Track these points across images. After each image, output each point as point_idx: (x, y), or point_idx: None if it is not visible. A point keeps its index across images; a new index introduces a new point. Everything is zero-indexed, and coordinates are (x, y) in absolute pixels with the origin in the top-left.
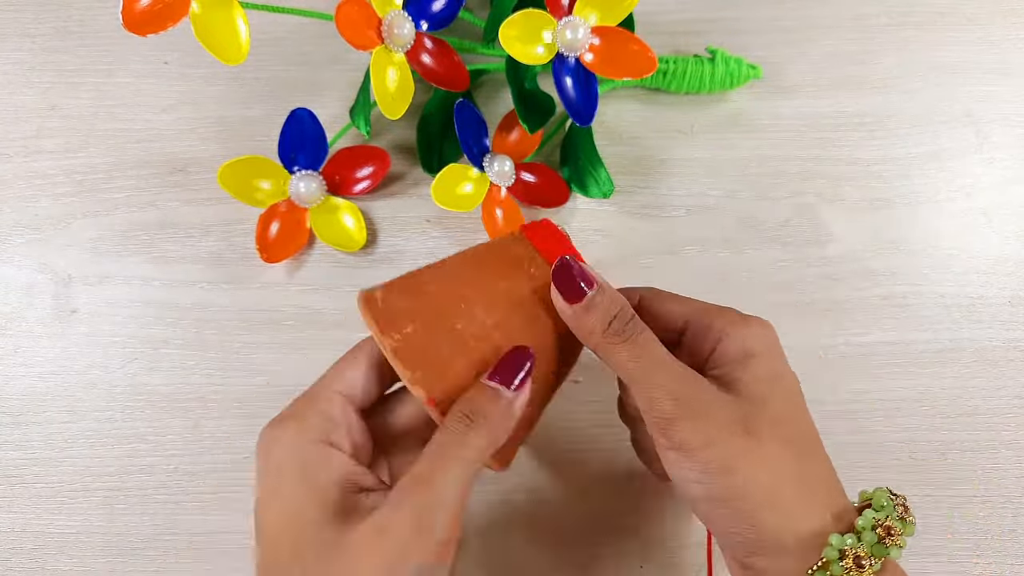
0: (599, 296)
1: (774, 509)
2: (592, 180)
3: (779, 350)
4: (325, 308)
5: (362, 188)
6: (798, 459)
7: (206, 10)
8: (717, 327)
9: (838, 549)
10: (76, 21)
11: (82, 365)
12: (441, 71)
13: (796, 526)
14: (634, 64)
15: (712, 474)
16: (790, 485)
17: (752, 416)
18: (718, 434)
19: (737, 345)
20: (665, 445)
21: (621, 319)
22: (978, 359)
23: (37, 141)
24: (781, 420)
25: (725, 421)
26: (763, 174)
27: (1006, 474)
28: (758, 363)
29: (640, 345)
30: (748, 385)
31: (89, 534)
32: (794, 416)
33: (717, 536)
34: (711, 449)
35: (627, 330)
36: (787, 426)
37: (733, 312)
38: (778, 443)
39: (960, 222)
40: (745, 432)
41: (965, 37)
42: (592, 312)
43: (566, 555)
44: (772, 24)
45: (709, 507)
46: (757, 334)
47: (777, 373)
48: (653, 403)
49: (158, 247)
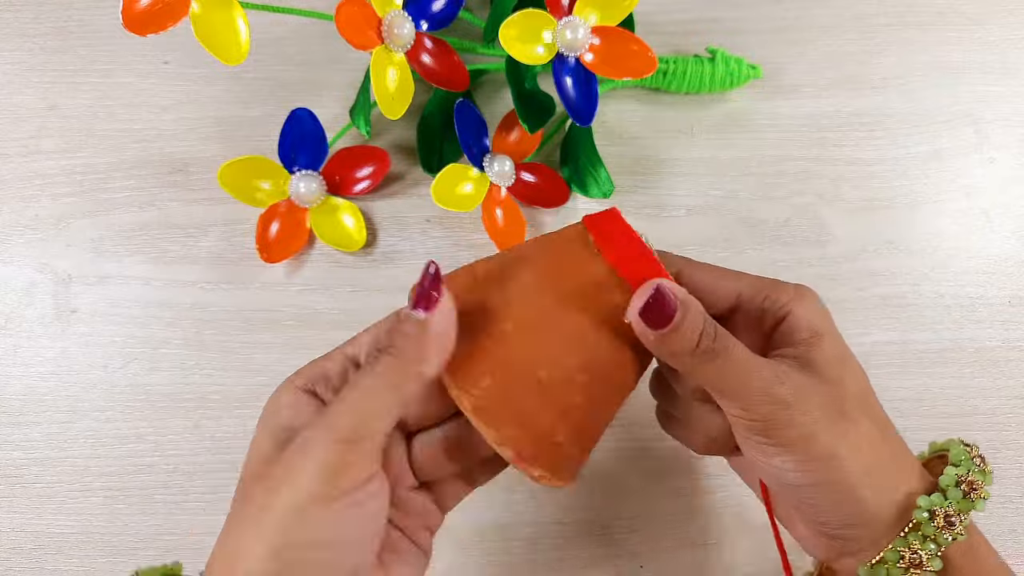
0: (685, 318)
1: (873, 483)
2: (592, 180)
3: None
4: (325, 308)
5: (362, 188)
6: (883, 432)
7: (206, 10)
8: (778, 303)
9: (927, 510)
10: (76, 21)
11: (82, 365)
12: (441, 71)
13: (889, 496)
14: (634, 64)
15: (816, 462)
16: (884, 458)
17: (841, 398)
18: (819, 425)
19: (804, 324)
20: (764, 443)
21: (708, 335)
22: (978, 359)
23: (37, 141)
24: (861, 397)
25: (821, 410)
26: (763, 174)
27: (1006, 474)
28: (828, 342)
29: (730, 357)
30: (826, 366)
31: (89, 534)
32: (865, 389)
33: (811, 514)
34: (814, 440)
35: (716, 346)
36: (867, 402)
37: (785, 285)
38: (867, 420)
39: (960, 222)
40: (840, 416)
41: (965, 37)
42: (679, 335)
43: (566, 555)
44: (772, 24)
45: (811, 491)
46: (818, 309)
47: (845, 350)
48: (751, 410)
49: (158, 247)
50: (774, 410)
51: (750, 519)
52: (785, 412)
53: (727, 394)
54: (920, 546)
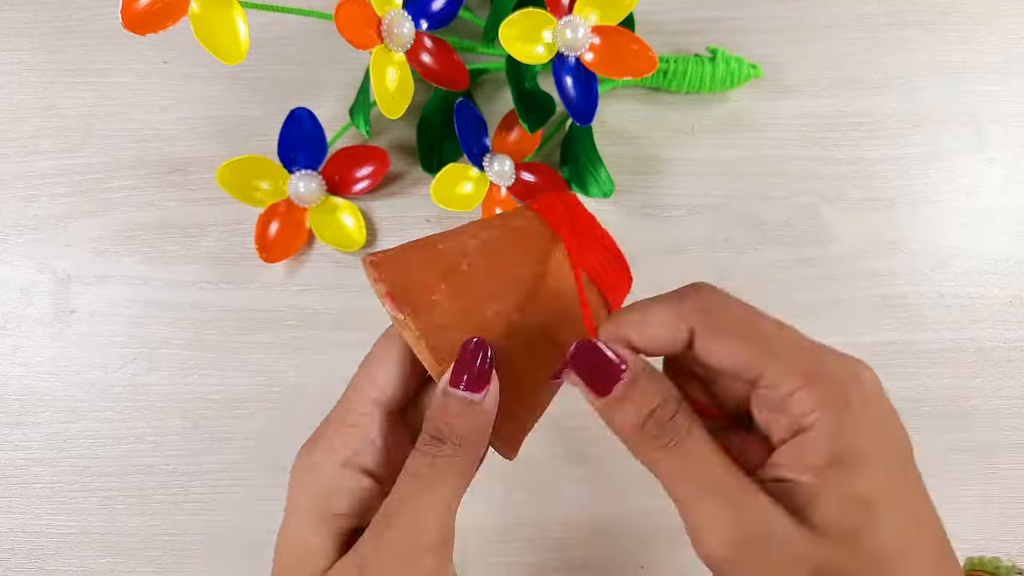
0: (630, 389)
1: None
2: (592, 179)
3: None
4: (325, 308)
5: (362, 188)
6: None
7: (206, 10)
8: (802, 408)
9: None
10: (75, 21)
11: (81, 365)
12: (441, 70)
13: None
14: (634, 64)
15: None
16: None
17: (836, 563)
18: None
19: (823, 445)
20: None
21: (658, 418)
22: (979, 359)
23: (36, 141)
24: (884, 558)
25: (796, 573)
26: (764, 174)
27: (1008, 475)
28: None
29: (684, 455)
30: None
31: (88, 534)
32: (903, 539)
33: None
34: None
35: (667, 432)
36: (890, 561)
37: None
38: None
39: (961, 222)
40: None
41: (966, 37)
42: (623, 406)
43: (567, 555)
44: (773, 24)
45: None
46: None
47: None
48: (700, 537)
49: (157, 247)
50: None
51: None
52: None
53: (675, 500)
54: None
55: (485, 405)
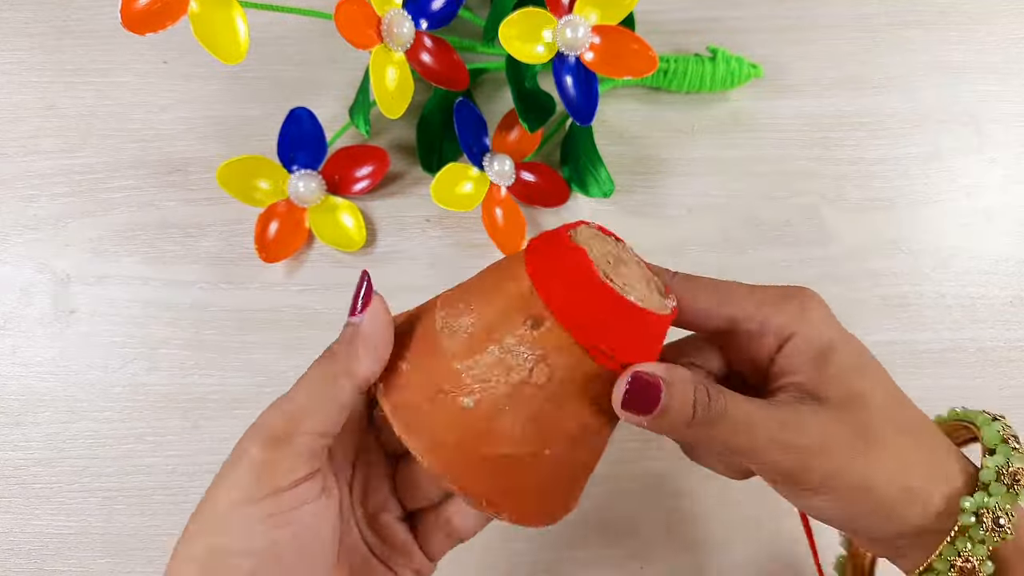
0: (673, 398)
1: (913, 501)
2: (592, 179)
3: (841, 328)
4: (324, 308)
5: (361, 188)
6: (916, 441)
7: (205, 9)
8: (777, 326)
9: (972, 512)
10: (75, 20)
11: (81, 365)
12: (441, 70)
13: (934, 507)
14: (635, 63)
15: (849, 497)
16: (920, 471)
17: (863, 423)
18: (844, 461)
19: (808, 344)
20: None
21: (701, 403)
22: (979, 359)
23: (35, 141)
24: (885, 409)
25: (843, 444)
26: (764, 174)
27: None
28: (836, 358)
29: (728, 420)
30: (838, 388)
31: (88, 534)
32: (891, 396)
33: (856, 534)
34: (841, 477)
35: (713, 414)
36: (893, 412)
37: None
38: (895, 434)
39: (961, 222)
40: (865, 443)
41: (966, 37)
42: (670, 415)
43: (567, 555)
44: (773, 23)
45: (850, 522)
46: (819, 320)
47: (855, 360)
48: (767, 467)
49: (157, 247)
50: (790, 459)
51: (751, 519)
52: (802, 458)
53: (738, 454)
54: (971, 551)
55: (362, 325)
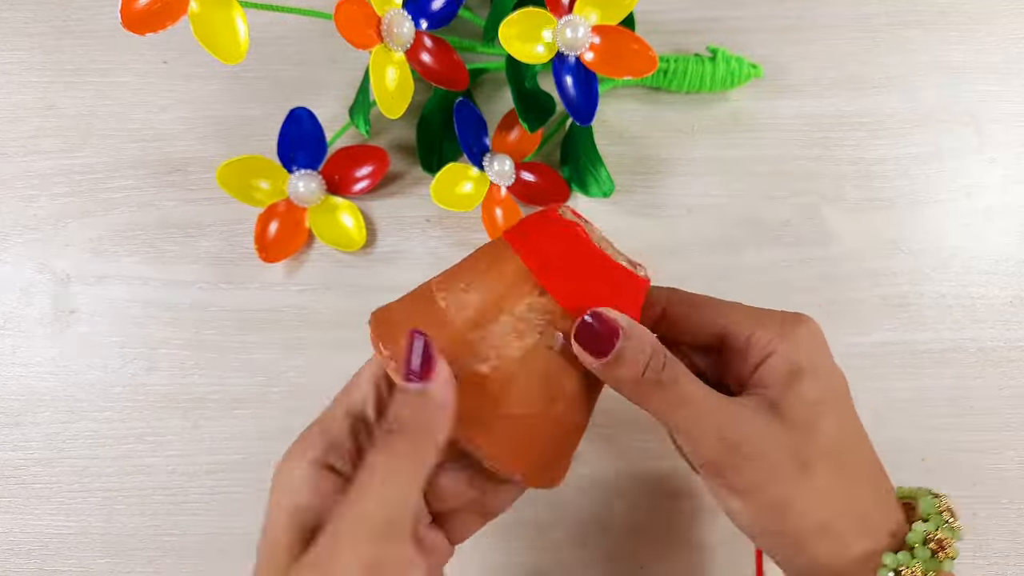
0: (626, 345)
1: (828, 539)
2: (592, 179)
3: (826, 359)
4: (324, 308)
5: (361, 188)
6: (852, 485)
7: (205, 9)
8: (761, 342)
9: (892, 569)
10: (75, 20)
11: (80, 365)
12: (441, 70)
13: (851, 552)
14: (635, 63)
15: (766, 511)
16: (845, 514)
17: (804, 447)
18: (771, 474)
19: (783, 362)
20: (714, 483)
21: (654, 366)
22: (979, 359)
23: (35, 141)
24: (833, 445)
25: (777, 458)
26: (764, 173)
27: (1008, 475)
28: (807, 382)
29: (677, 391)
30: (797, 410)
31: (88, 535)
32: (846, 437)
33: (770, 555)
34: (764, 489)
35: (662, 377)
36: (840, 451)
37: (774, 318)
38: (832, 472)
39: (961, 222)
40: (798, 467)
41: (966, 37)
42: (620, 364)
43: (567, 555)
44: (773, 23)
45: (762, 539)
46: (804, 345)
47: (826, 391)
48: (699, 450)
49: (157, 247)
50: (723, 454)
51: None
52: (734, 457)
53: (675, 429)
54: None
55: (433, 392)
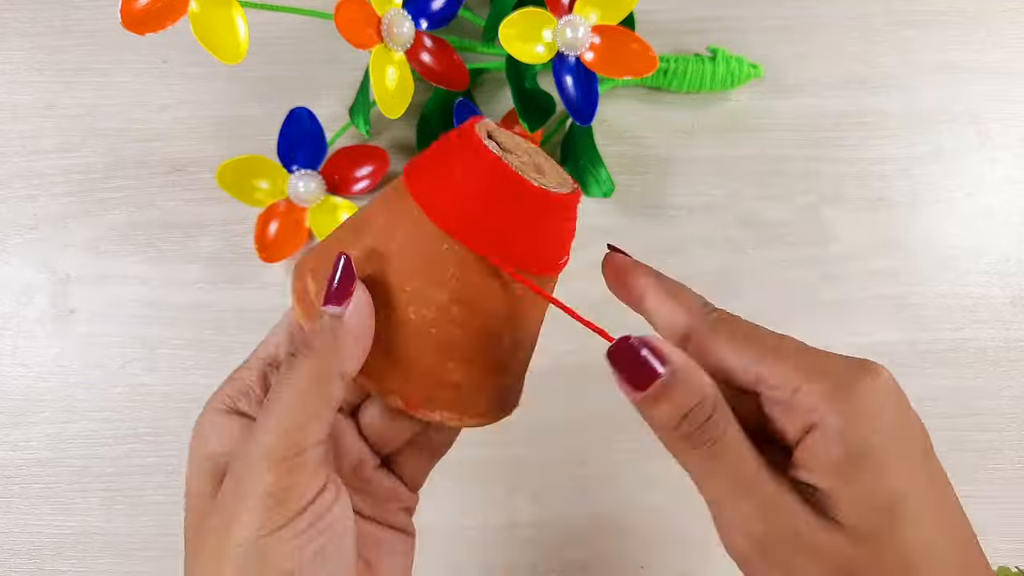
0: (672, 384)
1: None
2: (593, 179)
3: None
4: None
5: (361, 187)
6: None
7: (205, 9)
8: (808, 405)
9: None
10: (74, 20)
11: (80, 365)
12: (441, 70)
13: None
14: (635, 63)
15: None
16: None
17: (860, 563)
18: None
19: (835, 440)
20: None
21: (695, 419)
22: (980, 359)
23: (35, 141)
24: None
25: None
26: (764, 173)
27: (1008, 475)
28: (868, 472)
29: (718, 456)
30: (856, 514)
31: (88, 535)
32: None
33: None
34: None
35: (703, 435)
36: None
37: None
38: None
39: (962, 222)
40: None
41: (967, 37)
42: (659, 404)
43: (567, 555)
44: (774, 23)
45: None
46: (865, 414)
47: (900, 481)
48: (728, 532)
49: (156, 247)
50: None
51: None
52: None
53: (707, 497)
54: None
55: (345, 316)
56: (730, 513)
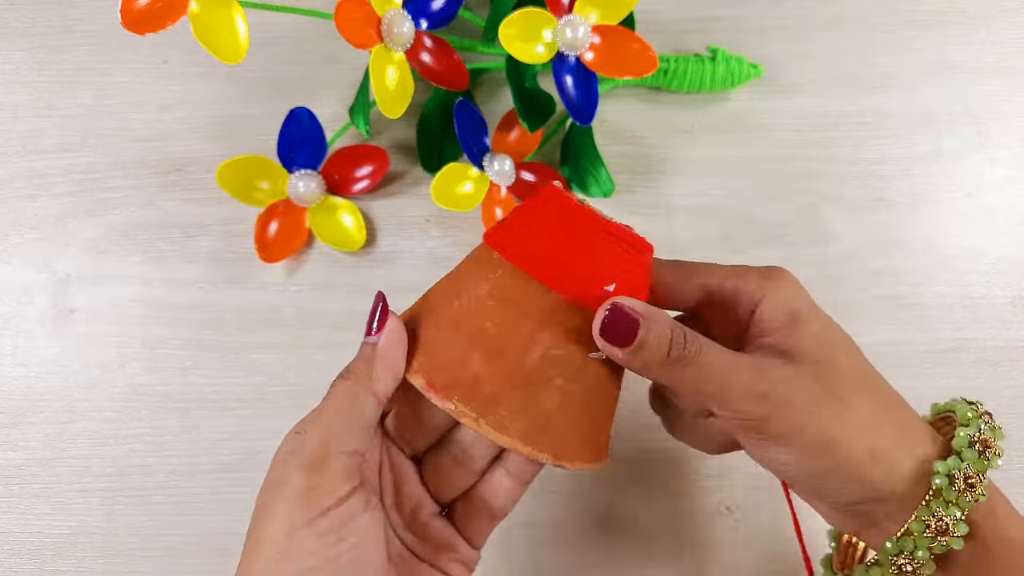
0: (648, 330)
1: (878, 463)
2: (593, 179)
3: (812, 303)
4: (324, 308)
5: (361, 187)
6: (882, 406)
7: (205, 9)
8: (749, 293)
9: (946, 475)
10: (74, 20)
11: (80, 365)
12: (441, 70)
13: (901, 470)
14: (635, 63)
15: (813, 451)
16: (886, 435)
17: (830, 381)
18: (810, 414)
19: (780, 307)
20: (758, 440)
21: (677, 343)
22: (980, 359)
23: (35, 140)
24: (853, 373)
25: (811, 398)
26: (764, 173)
27: (1008, 475)
28: (809, 322)
29: (705, 363)
30: (811, 349)
31: (88, 535)
32: (859, 364)
33: (825, 497)
34: (806, 430)
35: (687, 353)
36: (860, 377)
37: (753, 270)
38: (864, 399)
39: (962, 222)
40: (832, 400)
41: (967, 37)
42: (645, 349)
43: (567, 555)
44: (773, 23)
45: (815, 482)
46: (792, 289)
47: (828, 327)
48: (738, 409)
49: (156, 247)
50: (759, 407)
51: (751, 520)
52: (770, 407)
53: (709, 398)
54: (944, 512)
55: (380, 344)
56: (730, 391)
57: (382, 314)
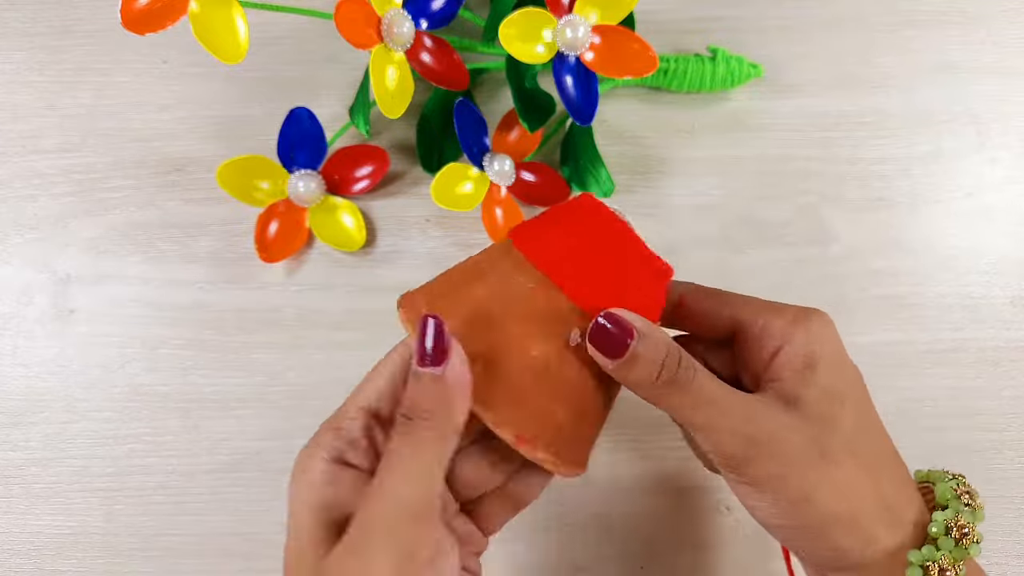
0: (641, 346)
1: (853, 532)
2: (592, 179)
3: (840, 351)
4: (324, 308)
5: (361, 187)
6: (874, 477)
7: (205, 9)
8: (776, 332)
9: (919, 566)
10: (74, 20)
11: (80, 365)
12: (441, 70)
13: (876, 546)
14: (635, 63)
15: (788, 504)
16: (868, 506)
17: (824, 438)
18: (793, 466)
19: (799, 351)
20: (737, 481)
21: (669, 366)
22: (980, 359)
23: (35, 140)
24: (853, 437)
25: (798, 450)
26: (764, 173)
27: (1008, 475)
28: (823, 373)
29: (695, 391)
30: (815, 400)
31: (88, 534)
32: (865, 428)
33: (795, 552)
34: (787, 482)
35: (678, 377)
36: (860, 442)
37: (788, 310)
38: (853, 464)
39: (962, 222)
40: (820, 458)
41: (967, 37)
42: (636, 365)
43: (567, 555)
44: (773, 23)
45: (786, 533)
46: (817, 335)
47: (843, 383)
48: (720, 446)
49: (156, 247)
50: (743, 449)
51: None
52: (754, 451)
53: (696, 429)
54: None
55: (448, 377)
56: (716, 430)
57: (440, 340)
